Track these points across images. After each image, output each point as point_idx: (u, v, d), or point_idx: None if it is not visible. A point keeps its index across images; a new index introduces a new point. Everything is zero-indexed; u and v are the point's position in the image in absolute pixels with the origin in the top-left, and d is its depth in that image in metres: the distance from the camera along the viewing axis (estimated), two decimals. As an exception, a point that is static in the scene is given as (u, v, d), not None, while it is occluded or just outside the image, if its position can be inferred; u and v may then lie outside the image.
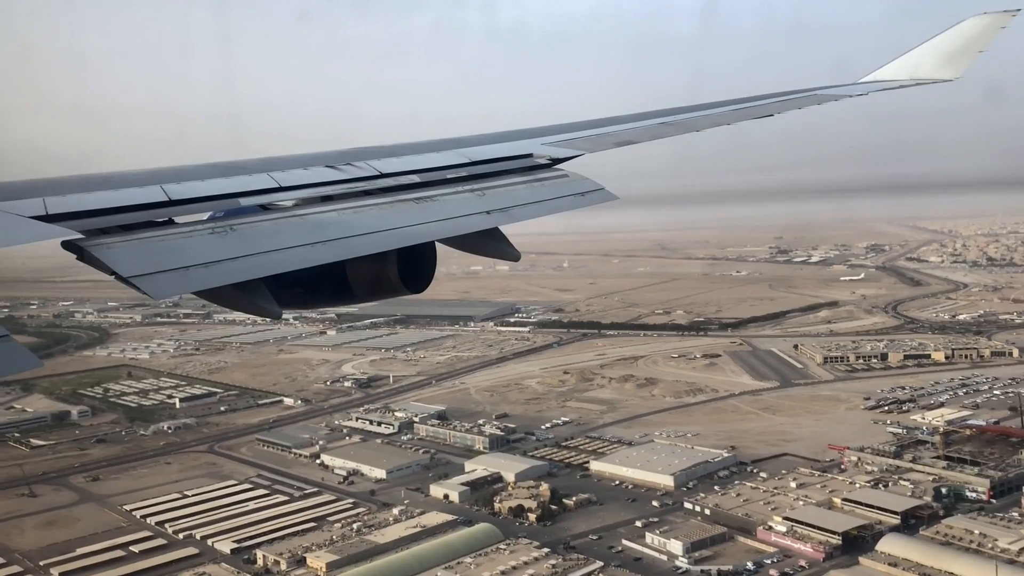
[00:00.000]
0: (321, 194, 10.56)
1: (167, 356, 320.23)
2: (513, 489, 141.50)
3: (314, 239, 9.23)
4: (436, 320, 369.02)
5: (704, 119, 16.41)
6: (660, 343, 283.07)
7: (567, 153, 13.67)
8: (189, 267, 8.23)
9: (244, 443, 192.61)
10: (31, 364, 7.11)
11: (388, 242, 9.97)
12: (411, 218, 10.38)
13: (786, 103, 17.65)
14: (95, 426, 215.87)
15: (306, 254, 9.02)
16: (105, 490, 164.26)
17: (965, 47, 19.25)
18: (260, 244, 8.91)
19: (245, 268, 8.54)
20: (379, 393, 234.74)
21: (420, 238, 10.32)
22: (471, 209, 11.14)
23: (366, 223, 9.92)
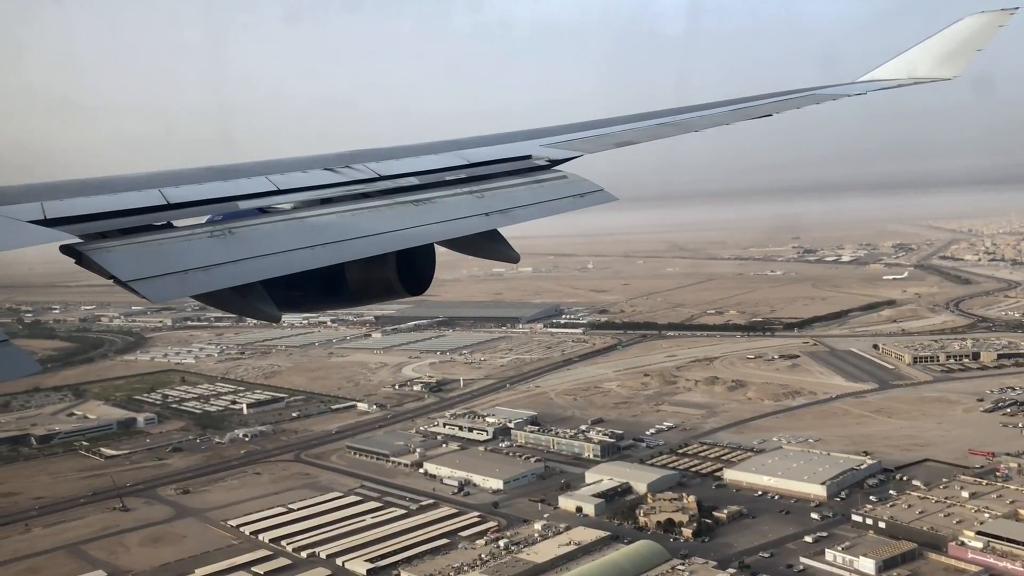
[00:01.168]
0: (319, 197, 10.28)
1: (213, 360, 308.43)
2: (653, 501, 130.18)
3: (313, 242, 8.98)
4: (480, 322, 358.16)
5: (702, 119, 16.05)
6: (728, 344, 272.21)
7: (566, 154, 13.19)
8: (188, 271, 7.98)
9: (331, 451, 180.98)
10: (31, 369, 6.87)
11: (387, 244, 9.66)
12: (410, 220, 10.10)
13: (784, 103, 17.35)
14: (164, 434, 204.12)
15: (305, 257, 8.74)
16: (199, 503, 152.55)
17: (963, 46, 18.81)
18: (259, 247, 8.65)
19: (244, 271, 8.25)
20: (453, 397, 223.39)
21: (419, 240, 9.96)
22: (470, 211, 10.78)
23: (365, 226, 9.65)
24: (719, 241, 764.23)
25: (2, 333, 6.99)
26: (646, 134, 14.95)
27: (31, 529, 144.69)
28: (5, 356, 6.74)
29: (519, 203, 11.29)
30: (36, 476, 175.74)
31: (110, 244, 8.02)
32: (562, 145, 13.78)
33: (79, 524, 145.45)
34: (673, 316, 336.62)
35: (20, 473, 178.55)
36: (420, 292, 11.52)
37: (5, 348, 6.80)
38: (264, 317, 9.05)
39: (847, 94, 18.32)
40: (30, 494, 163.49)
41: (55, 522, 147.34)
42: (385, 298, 11.70)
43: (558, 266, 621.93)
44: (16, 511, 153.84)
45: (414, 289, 11.43)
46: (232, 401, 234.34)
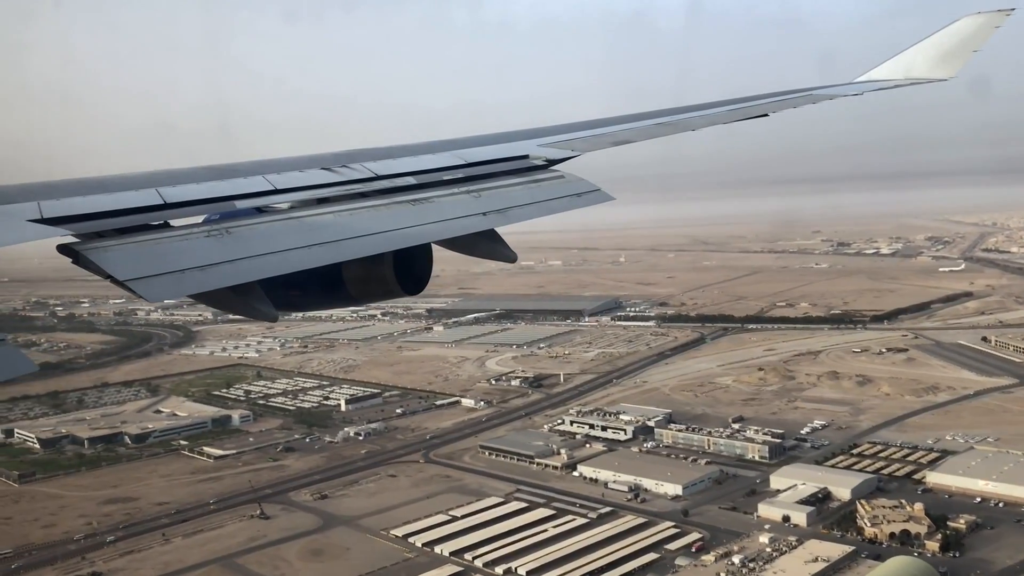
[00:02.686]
0: (317, 196, 10.02)
1: (277, 354, 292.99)
2: (870, 509, 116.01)
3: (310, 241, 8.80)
4: (539, 315, 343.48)
5: (700, 119, 15.71)
6: (822, 337, 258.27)
7: (563, 154, 12.90)
8: (185, 270, 7.79)
9: (459, 450, 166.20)
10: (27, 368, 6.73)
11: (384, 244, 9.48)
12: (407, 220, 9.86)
13: (781, 103, 16.99)
14: (266, 432, 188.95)
15: (302, 256, 8.57)
16: (343, 509, 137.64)
17: (959, 46, 18.45)
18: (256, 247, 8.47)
19: (241, 271, 8.08)
20: (559, 393, 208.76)
21: (416, 240, 9.76)
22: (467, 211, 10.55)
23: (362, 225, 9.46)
24: (739, 235, 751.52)
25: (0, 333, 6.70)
26: (644, 133, 14.57)
27: (170, 539, 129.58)
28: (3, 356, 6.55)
29: (516, 203, 11.00)
30: (147, 479, 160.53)
31: (107, 243, 7.81)
32: (559, 145, 13.34)
33: (222, 534, 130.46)
34: (741, 309, 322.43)
35: (129, 476, 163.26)
36: (417, 292, 11.09)
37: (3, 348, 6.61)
38: (261, 317, 8.76)
39: (844, 94, 17.96)
40: (150, 499, 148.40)
41: (193, 531, 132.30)
42: (382, 298, 11.29)
43: (587, 260, 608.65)
44: (144, 518, 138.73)
45: (411, 289, 11.02)
46: (324, 397, 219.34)
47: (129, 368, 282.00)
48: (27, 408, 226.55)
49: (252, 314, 8.77)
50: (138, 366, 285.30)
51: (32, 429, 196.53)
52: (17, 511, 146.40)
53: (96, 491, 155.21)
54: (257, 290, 8.64)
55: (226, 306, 8.82)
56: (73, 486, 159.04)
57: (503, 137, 13.79)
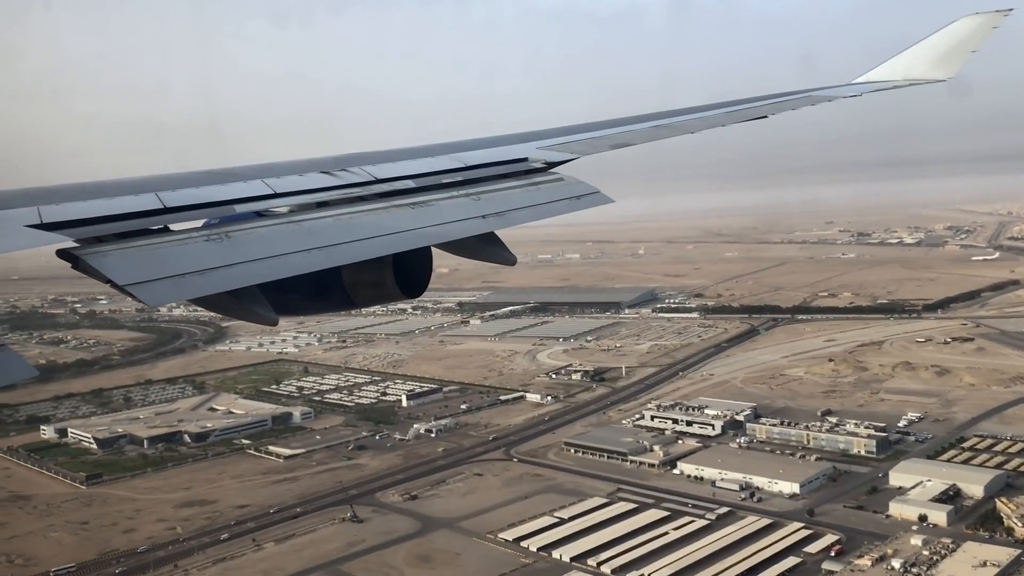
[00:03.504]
0: (316, 200, 9.89)
1: (317, 349, 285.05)
2: (1018, 508, 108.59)
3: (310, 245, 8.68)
4: (575, 307, 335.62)
5: (699, 121, 15.56)
6: (879, 327, 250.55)
7: (562, 157, 12.77)
8: (185, 274, 7.66)
9: (540, 447, 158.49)
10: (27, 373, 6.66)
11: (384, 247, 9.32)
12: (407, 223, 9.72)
13: (779, 104, 16.91)
14: (330, 430, 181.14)
15: (302, 260, 8.45)
16: (438, 510, 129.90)
17: (958, 47, 18.32)
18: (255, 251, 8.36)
19: (241, 275, 7.98)
20: (625, 388, 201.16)
21: (416, 243, 9.60)
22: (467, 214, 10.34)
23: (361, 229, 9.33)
24: (751, 227, 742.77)
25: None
26: (642, 136, 14.39)
27: (261, 545, 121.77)
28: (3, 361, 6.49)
29: (515, 205, 10.83)
30: (219, 480, 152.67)
31: (107, 248, 7.72)
32: (558, 147, 13.20)
33: (316, 538, 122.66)
34: (783, 299, 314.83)
35: (198, 477, 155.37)
36: (417, 295, 11.02)
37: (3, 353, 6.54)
38: (261, 320, 8.62)
39: (843, 95, 17.83)
40: (228, 501, 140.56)
41: (284, 535, 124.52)
42: (382, 301, 11.10)
43: (605, 252, 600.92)
44: (226, 522, 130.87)
45: (411, 292, 10.89)
46: (381, 392, 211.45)
47: (167, 365, 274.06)
48: (72, 406, 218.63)
49: (252, 318, 8.59)
50: (175, 363, 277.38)
51: (86, 428, 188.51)
52: (92, 515, 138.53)
53: (168, 493, 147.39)
54: (257, 294, 8.47)
55: (226, 310, 8.60)
56: (142, 488, 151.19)
57: (502, 140, 13.60)
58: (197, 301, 8.13)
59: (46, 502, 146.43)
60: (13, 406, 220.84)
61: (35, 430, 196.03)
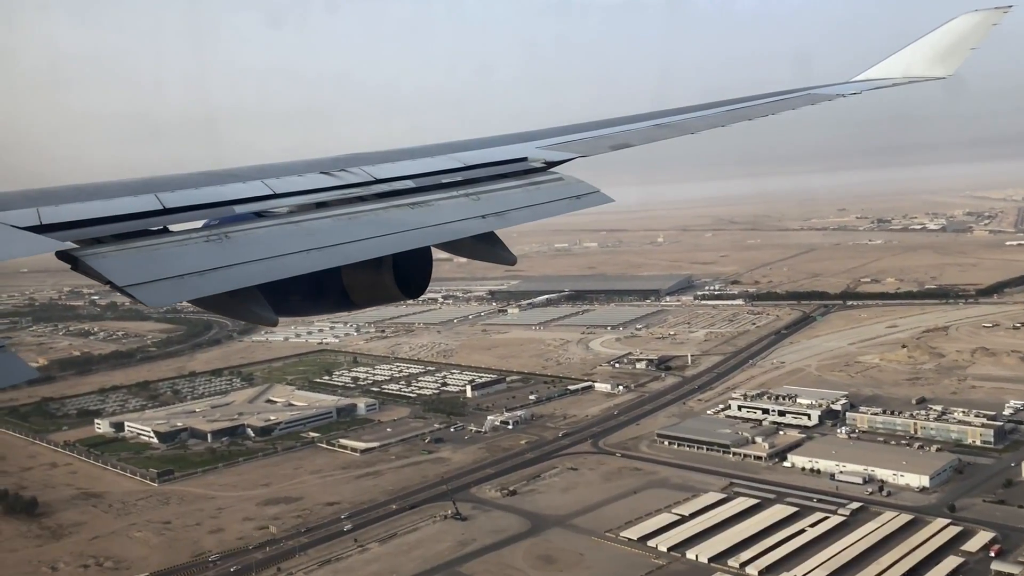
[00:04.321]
0: (316, 200, 9.78)
1: (359, 339, 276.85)
2: None
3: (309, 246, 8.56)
4: (612, 295, 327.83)
5: (699, 121, 15.42)
6: (936, 312, 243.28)
7: (562, 156, 12.63)
8: (184, 275, 7.53)
9: (630, 439, 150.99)
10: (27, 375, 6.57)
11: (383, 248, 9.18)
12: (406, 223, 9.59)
13: (780, 103, 16.81)
14: (400, 422, 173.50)
15: (301, 261, 8.33)
16: (543, 507, 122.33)
17: (957, 44, 18.16)
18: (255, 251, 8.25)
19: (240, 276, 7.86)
20: (696, 376, 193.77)
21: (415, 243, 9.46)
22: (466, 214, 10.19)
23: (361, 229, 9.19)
24: (763, 214, 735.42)
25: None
26: (642, 136, 14.21)
27: (365, 546, 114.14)
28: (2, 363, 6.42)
29: (515, 205, 10.72)
30: (297, 476, 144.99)
31: (106, 249, 7.62)
32: (558, 147, 13.08)
33: (422, 538, 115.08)
34: (825, 285, 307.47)
35: (275, 472, 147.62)
36: (417, 296, 10.81)
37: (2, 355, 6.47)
38: (260, 321, 8.53)
39: (842, 94, 17.60)
40: (314, 498, 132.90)
41: (386, 535, 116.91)
42: (382, 302, 10.88)
43: (622, 241, 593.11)
44: (319, 521, 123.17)
45: (411, 292, 10.67)
46: (441, 383, 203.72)
47: (206, 356, 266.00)
48: (120, 399, 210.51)
49: (252, 319, 8.47)
50: (214, 354, 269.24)
51: (142, 422, 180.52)
52: (172, 514, 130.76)
53: (248, 490, 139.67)
54: (256, 295, 8.34)
55: (226, 311, 8.43)
56: (218, 485, 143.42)
57: (501, 140, 13.44)
58: (197, 302, 7.88)
59: (120, 500, 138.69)
60: (58, 399, 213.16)
61: (87, 424, 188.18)
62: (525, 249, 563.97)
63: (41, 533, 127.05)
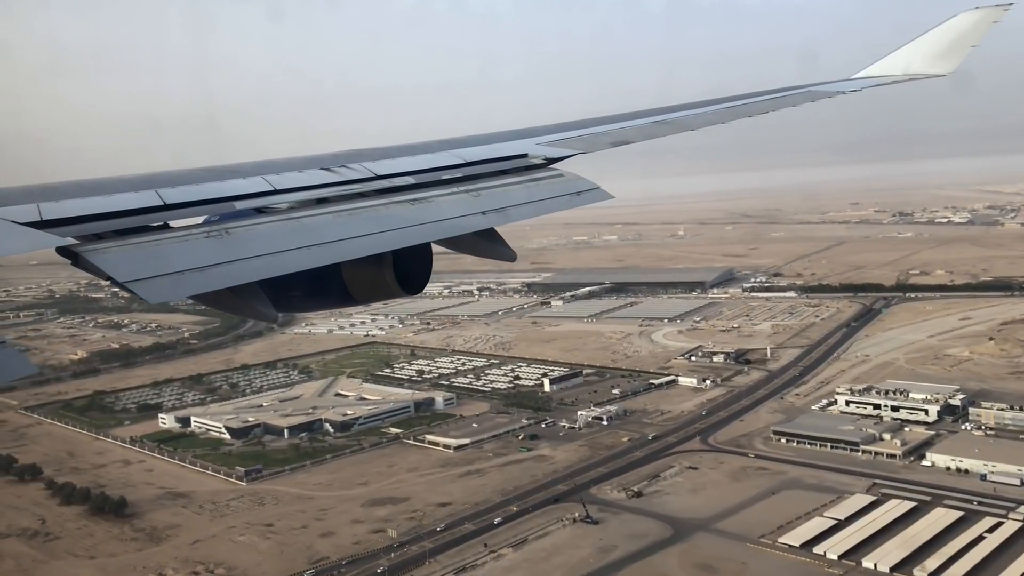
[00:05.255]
0: (316, 196, 9.66)
1: (406, 331, 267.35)
2: None
3: (309, 242, 8.47)
4: (654, 288, 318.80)
5: (699, 117, 15.24)
6: (1006, 304, 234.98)
7: (562, 153, 12.52)
8: (185, 271, 7.49)
9: (741, 436, 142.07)
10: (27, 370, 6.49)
11: (384, 244, 9.10)
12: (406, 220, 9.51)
13: (780, 100, 16.59)
14: (484, 417, 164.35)
15: (302, 257, 8.25)
16: (678, 510, 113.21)
17: (958, 42, 18.00)
18: (255, 248, 8.16)
19: (241, 272, 7.77)
20: (781, 370, 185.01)
21: (416, 239, 9.40)
22: (467, 210, 10.14)
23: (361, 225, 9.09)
24: (774, 208, 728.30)
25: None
26: (642, 133, 14.11)
27: (498, 552, 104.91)
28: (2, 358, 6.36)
29: (515, 202, 10.65)
30: (395, 474, 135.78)
31: (106, 245, 7.55)
32: (558, 144, 12.94)
33: (556, 543, 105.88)
34: (872, 277, 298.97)
35: (368, 470, 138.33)
36: (417, 292, 10.59)
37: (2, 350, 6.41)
38: (261, 317, 8.43)
39: (843, 91, 17.31)
40: (422, 499, 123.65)
41: (515, 540, 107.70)
42: (382, 298, 10.71)
43: (641, 235, 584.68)
44: (436, 524, 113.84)
45: (411, 288, 10.48)
46: (514, 376, 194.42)
47: (251, 349, 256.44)
48: (176, 393, 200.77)
49: (252, 315, 8.35)
50: (258, 346, 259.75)
51: (210, 417, 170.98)
52: (271, 516, 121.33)
53: (345, 490, 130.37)
54: (257, 291, 8.25)
55: (226, 307, 8.33)
56: (312, 484, 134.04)
57: (501, 136, 13.30)
58: (198, 298, 7.81)
59: (210, 500, 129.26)
60: (110, 393, 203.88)
61: (149, 418, 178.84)
62: (544, 243, 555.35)
63: (136, 536, 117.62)
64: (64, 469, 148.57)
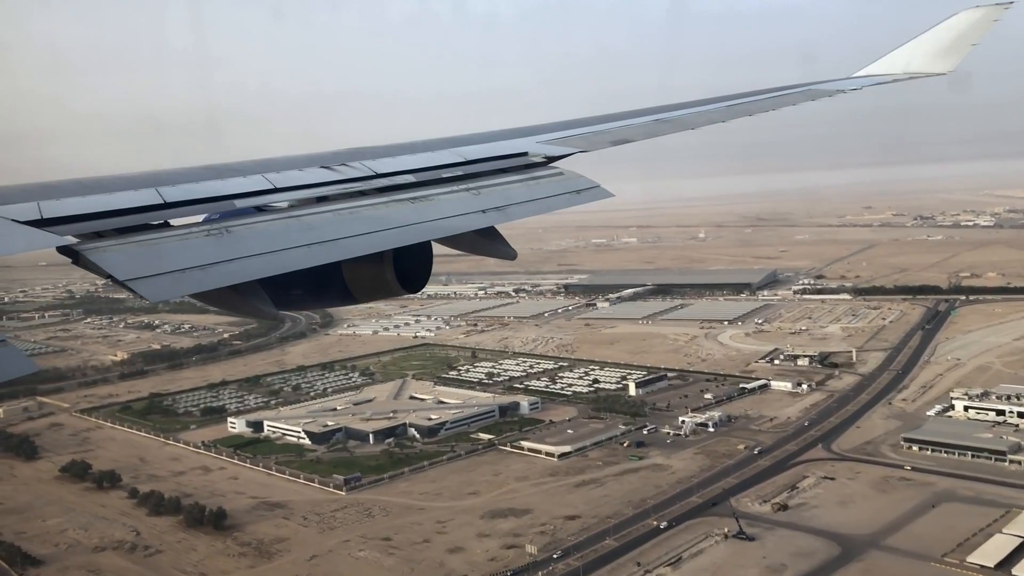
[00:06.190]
0: (316, 195, 9.54)
1: (459, 333, 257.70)
2: None
3: (310, 240, 8.39)
4: (698, 289, 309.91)
5: (699, 116, 15.03)
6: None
7: (562, 151, 12.33)
8: (185, 270, 7.43)
9: (866, 444, 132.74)
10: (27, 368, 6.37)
11: (384, 242, 9.03)
12: (407, 218, 9.42)
13: (780, 99, 16.37)
14: (577, 423, 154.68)
15: (302, 255, 8.18)
16: (834, 524, 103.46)
17: (958, 40, 17.69)
18: (256, 246, 8.07)
19: (241, 270, 7.71)
20: (874, 373, 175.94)
21: (416, 238, 9.34)
22: (467, 208, 10.02)
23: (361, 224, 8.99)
24: (784, 212, 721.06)
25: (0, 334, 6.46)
26: (643, 131, 13.93)
27: (651, 571, 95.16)
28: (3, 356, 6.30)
29: (516, 200, 10.51)
30: (504, 484, 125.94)
31: (107, 244, 7.46)
32: (558, 142, 12.78)
33: (716, 562, 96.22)
34: (919, 279, 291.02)
35: (474, 479, 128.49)
36: (417, 290, 10.53)
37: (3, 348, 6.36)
38: (262, 315, 8.45)
39: (843, 89, 17.17)
40: (545, 512, 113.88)
41: (667, 558, 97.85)
42: (383, 296, 10.54)
43: (660, 237, 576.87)
44: (569, 538, 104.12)
45: (411, 287, 10.39)
46: (592, 379, 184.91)
47: (299, 350, 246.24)
48: (236, 396, 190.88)
49: (253, 313, 8.28)
50: (305, 347, 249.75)
51: (285, 421, 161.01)
52: (387, 529, 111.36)
53: (456, 500, 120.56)
54: (257, 289, 8.20)
55: (227, 305, 8.32)
56: (417, 494, 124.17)
57: (502, 135, 13.11)
58: (198, 296, 7.79)
59: (312, 511, 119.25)
60: (166, 395, 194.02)
61: (216, 422, 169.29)
62: (562, 245, 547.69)
63: (244, 551, 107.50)
64: (141, 476, 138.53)
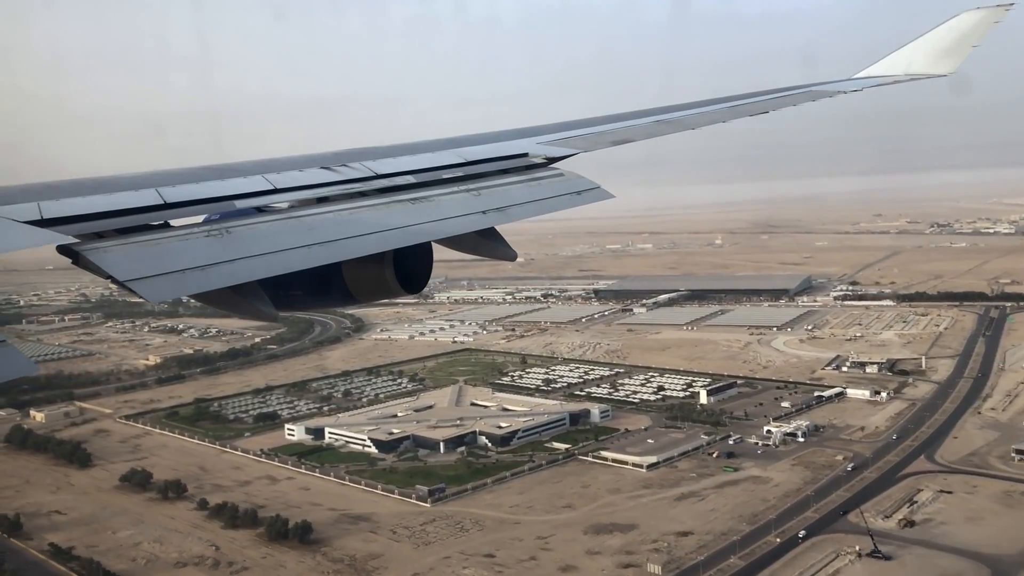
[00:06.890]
0: (317, 195, 9.44)
1: (499, 338, 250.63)
2: None
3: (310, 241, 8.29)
4: (733, 295, 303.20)
5: (700, 117, 14.82)
6: None
7: (563, 152, 12.18)
8: (185, 270, 7.36)
9: (971, 456, 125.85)
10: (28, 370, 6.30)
11: (384, 243, 8.89)
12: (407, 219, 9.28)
13: (781, 100, 16.16)
14: (656, 432, 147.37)
15: (302, 256, 8.09)
16: (969, 543, 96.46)
17: (959, 42, 17.52)
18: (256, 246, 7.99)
19: (241, 271, 7.63)
20: (949, 381, 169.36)
21: (416, 238, 9.21)
22: (467, 209, 9.88)
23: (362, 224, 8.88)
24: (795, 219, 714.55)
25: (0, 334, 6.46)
26: (643, 132, 13.75)
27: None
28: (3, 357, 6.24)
29: (516, 201, 10.33)
30: (596, 497, 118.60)
31: (107, 244, 7.40)
32: (559, 143, 12.59)
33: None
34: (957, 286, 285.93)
35: (563, 491, 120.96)
36: (417, 291, 10.30)
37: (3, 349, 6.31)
38: (262, 317, 8.27)
39: (843, 90, 16.84)
40: (653, 527, 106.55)
41: None
42: (382, 297, 10.31)
43: (676, 243, 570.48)
44: (689, 554, 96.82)
45: (411, 288, 10.15)
46: (658, 387, 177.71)
47: (337, 355, 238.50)
48: (285, 401, 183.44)
49: (253, 314, 8.17)
50: (344, 352, 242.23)
51: (348, 428, 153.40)
52: (486, 545, 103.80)
53: (551, 514, 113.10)
54: (257, 290, 8.11)
55: (226, 306, 8.19)
56: (507, 507, 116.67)
57: (502, 135, 12.89)
58: (198, 297, 7.75)
59: (400, 524, 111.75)
60: (210, 400, 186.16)
61: (270, 429, 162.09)
62: (577, 250, 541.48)
63: (337, 568, 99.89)
64: (206, 486, 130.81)
